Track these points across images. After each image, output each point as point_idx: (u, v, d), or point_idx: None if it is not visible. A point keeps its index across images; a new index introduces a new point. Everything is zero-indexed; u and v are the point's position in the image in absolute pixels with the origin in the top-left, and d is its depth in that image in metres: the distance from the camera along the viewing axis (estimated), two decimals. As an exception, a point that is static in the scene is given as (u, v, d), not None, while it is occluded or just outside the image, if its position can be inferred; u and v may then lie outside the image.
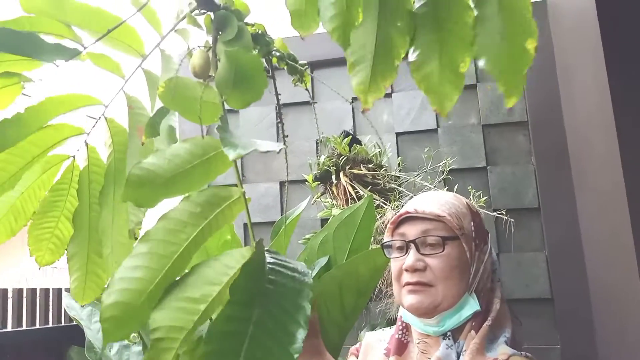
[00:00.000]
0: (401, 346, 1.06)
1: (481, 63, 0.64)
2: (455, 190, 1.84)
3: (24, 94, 1.00)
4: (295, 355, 0.53)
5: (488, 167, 2.00)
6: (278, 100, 1.08)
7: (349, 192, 1.84)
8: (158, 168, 0.76)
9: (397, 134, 2.10)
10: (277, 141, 2.19)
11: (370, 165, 1.88)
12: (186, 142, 0.81)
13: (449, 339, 0.99)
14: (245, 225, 2.14)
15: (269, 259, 0.66)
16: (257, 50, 1.01)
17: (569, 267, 1.83)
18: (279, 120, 0.99)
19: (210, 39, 0.94)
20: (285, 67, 1.08)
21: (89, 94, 1.04)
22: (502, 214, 1.80)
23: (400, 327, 1.08)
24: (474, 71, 2.08)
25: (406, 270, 1.00)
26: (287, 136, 1.03)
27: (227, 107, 0.92)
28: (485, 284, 1.01)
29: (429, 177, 1.91)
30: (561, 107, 1.90)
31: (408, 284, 1.00)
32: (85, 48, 0.98)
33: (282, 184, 2.16)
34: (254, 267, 0.63)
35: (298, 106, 2.21)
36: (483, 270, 1.01)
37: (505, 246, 1.92)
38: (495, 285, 1.03)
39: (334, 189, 1.90)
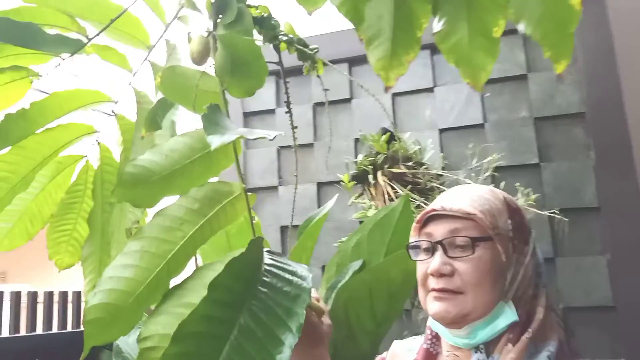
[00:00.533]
0: (429, 358, 0.95)
1: (521, 27, 0.56)
2: (501, 188, 1.70)
3: (38, 90, 0.96)
4: None
5: (541, 163, 1.84)
6: (286, 87, 0.98)
7: (388, 193, 1.74)
8: (154, 165, 0.70)
9: (441, 130, 1.97)
10: (315, 140, 2.11)
11: (410, 163, 1.77)
12: (185, 135, 0.75)
13: (481, 353, 0.87)
14: (282, 228, 2.07)
15: (267, 260, 0.59)
16: (262, 35, 0.93)
17: (634, 271, 1.65)
18: (287, 111, 0.92)
19: (211, 24, 0.88)
20: (296, 53, 1.00)
21: (97, 90, 0.99)
22: (554, 213, 1.64)
23: (430, 337, 0.97)
24: (524, 59, 1.92)
25: (431, 274, 0.89)
26: (297, 127, 0.95)
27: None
28: (526, 290, 0.88)
29: (472, 174, 1.78)
30: (622, 96, 1.73)
31: (433, 290, 0.89)
32: (89, 40, 0.93)
33: (319, 185, 2.07)
34: (243, 266, 0.56)
35: (336, 104, 2.13)
36: (523, 274, 0.88)
37: (562, 249, 1.75)
38: (539, 291, 0.90)
39: (371, 189, 1.80)
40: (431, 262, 0.89)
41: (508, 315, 0.85)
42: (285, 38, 0.89)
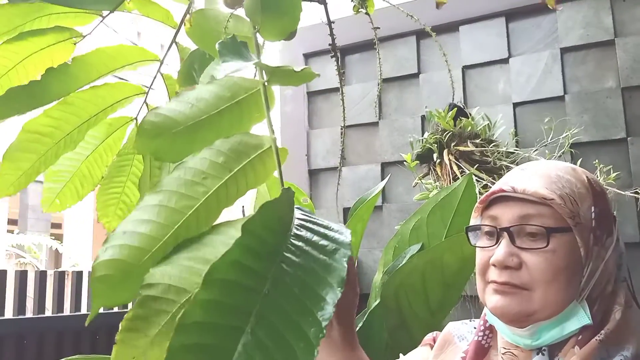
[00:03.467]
0: (481, 351, 0.85)
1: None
2: (579, 166, 1.54)
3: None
4: (324, 323, 0.41)
5: (629, 138, 1.65)
6: (331, 30, 0.90)
7: (454, 172, 1.63)
8: (178, 114, 0.64)
9: (515, 104, 1.82)
10: (379, 118, 2.03)
11: (478, 141, 1.64)
12: (212, 83, 0.67)
13: (544, 355, 0.76)
14: (344, 210, 2.01)
15: (298, 214, 0.53)
16: None
17: None
18: (332, 55, 0.83)
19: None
20: None
21: (142, 47, 0.96)
22: (636, 192, 1.46)
23: (483, 328, 0.87)
24: (611, 23, 1.73)
25: (494, 265, 0.77)
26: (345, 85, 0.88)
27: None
28: (605, 287, 0.76)
29: (547, 151, 1.62)
30: None
31: (494, 282, 0.78)
32: None
33: (384, 165, 1.99)
34: (275, 215, 0.50)
35: (402, 80, 2.03)
36: (603, 270, 0.75)
37: (651, 234, 1.57)
38: (618, 287, 0.77)
39: (437, 168, 1.70)
40: (495, 251, 0.77)
41: (580, 318, 0.74)
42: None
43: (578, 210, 0.75)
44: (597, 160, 1.51)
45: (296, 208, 0.53)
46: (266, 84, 0.66)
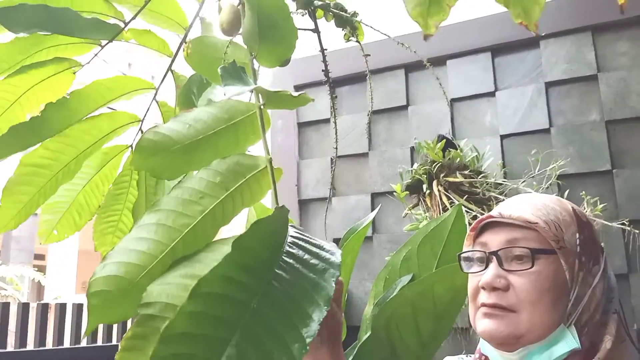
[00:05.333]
0: None
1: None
2: (566, 198, 1.56)
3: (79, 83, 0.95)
4: (308, 340, 0.42)
5: (614, 170, 1.68)
6: (325, 62, 0.92)
7: (443, 203, 1.64)
8: (176, 133, 0.66)
9: (502, 137, 1.86)
10: (369, 149, 2.05)
11: (467, 172, 1.67)
12: (211, 105, 0.70)
13: None
14: (335, 240, 2.01)
15: (292, 232, 0.54)
16: (295, 1, 0.88)
17: None
18: (326, 80, 0.85)
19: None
20: (333, 20, 0.94)
21: (138, 77, 0.97)
22: (624, 224, 1.48)
23: None
24: (593, 58, 1.78)
25: (483, 288, 0.80)
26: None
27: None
28: (593, 315, 0.77)
29: (534, 182, 1.65)
30: None
31: (484, 305, 0.80)
32: (126, 24, 0.91)
33: (374, 195, 2.00)
34: (268, 232, 0.51)
35: (391, 112, 2.06)
36: (590, 297, 0.77)
37: (637, 265, 1.59)
38: (608, 318, 0.79)
39: (427, 199, 1.71)
40: (484, 275, 0.80)
41: (569, 342, 0.75)
42: (320, 3, 0.84)
43: (562, 235, 0.78)
44: (583, 192, 1.53)
45: (290, 226, 0.55)
46: (262, 107, 0.68)
